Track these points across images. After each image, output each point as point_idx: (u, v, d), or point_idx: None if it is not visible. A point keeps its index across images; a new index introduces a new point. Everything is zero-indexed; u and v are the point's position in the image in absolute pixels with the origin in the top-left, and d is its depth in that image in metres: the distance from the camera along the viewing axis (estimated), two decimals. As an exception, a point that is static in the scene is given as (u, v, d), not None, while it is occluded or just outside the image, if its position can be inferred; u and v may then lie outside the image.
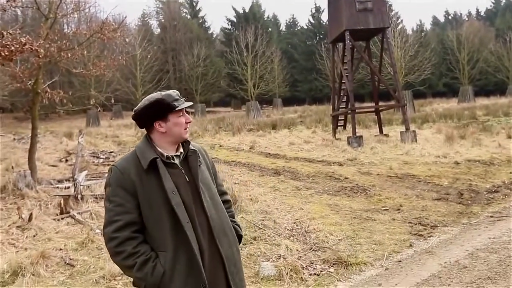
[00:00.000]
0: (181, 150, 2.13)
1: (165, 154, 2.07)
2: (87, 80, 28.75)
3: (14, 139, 15.95)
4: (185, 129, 2.09)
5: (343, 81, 16.11)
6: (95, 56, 15.26)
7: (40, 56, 6.89)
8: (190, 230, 1.97)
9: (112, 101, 14.86)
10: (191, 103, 2.12)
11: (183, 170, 2.08)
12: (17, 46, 6.04)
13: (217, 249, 2.05)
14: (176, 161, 2.09)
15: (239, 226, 2.32)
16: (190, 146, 2.15)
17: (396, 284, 4.15)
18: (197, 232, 2.00)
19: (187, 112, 2.11)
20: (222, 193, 2.32)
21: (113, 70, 13.29)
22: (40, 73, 7.93)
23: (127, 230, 1.96)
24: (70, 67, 9.81)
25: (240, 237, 2.27)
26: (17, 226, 5.78)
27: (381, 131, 16.13)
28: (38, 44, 6.41)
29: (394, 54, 17.93)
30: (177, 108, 2.04)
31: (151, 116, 2.04)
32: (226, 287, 2.06)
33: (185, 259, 1.96)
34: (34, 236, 5.52)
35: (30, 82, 7.93)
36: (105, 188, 2.09)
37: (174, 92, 2.09)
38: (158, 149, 2.07)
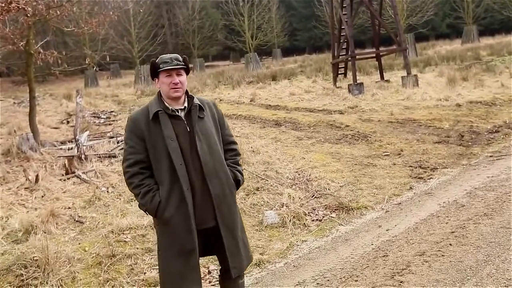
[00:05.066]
0: (186, 104, 2.52)
1: (170, 107, 2.48)
2: (81, 39, 28.07)
3: (14, 103, 15.89)
4: (172, 88, 2.44)
5: (342, 27, 15.63)
6: (86, 13, 14.78)
7: (29, 15, 6.67)
8: (182, 171, 2.40)
9: (108, 59, 14.54)
10: (176, 66, 2.44)
11: (185, 121, 2.48)
12: (3, 5, 5.84)
13: (207, 188, 2.45)
14: (181, 113, 2.49)
15: (239, 172, 2.67)
16: (194, 100, 2.53)
17: (395, 225, 4.28)
18: (190, 173, 2.42)
19: (178, 74, 2.45)
20: (229, 142, 2.69)
21: (106, 27, 12.94)
22: (30, 33, 7.72)
23: (136, 166, 2.46)
24: (61, 26, 9.53)
25: (237, 182, 2.63)
26: (25, 188, 5.91)
27: (382, 77, 15.88)
28: (24, 2, 6.18)
29: (395, -4, 17.20)
30: (159, 69, 2.44)
31: (151, 74, 2.53)
32: (215, 221, 2.48)
33: (178, 194, 2.41)
34: (42, 196, 5.66)
35: (22, 43, 7.75)
36: (124, 133, 2.59)
37: (167, 56, 2.48)
38: (165, 103, 2.49)
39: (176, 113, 2.47)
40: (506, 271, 3.17)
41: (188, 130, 2.45)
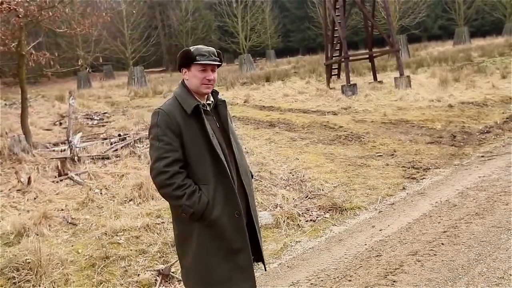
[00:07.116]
0: (212, 99, 2.40)
1: (202, 102, 2.33)
2: (73, 40, 27.97)
3: (6, 104, 15.76)
4: (203, 84, 2.29)
5: (335, 29, 15.70)
6: (79, 14, 14.70)
7: (20, 16, 6.63)
8: (227, 167, 2.28)
9: (100, 60, 14.46)
10: (215, 62, 2.30)
11: (214, 117, 2.37)
12: (-6, 6, 5.79)
13: (242, 185, 2.38)
14: (208, 109, 2.38)
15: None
16: (219, 96, 2.44)
17: (388, 225, 4.30)
18: (230, 169, 2.31)
19: (212, 70, 2.31)
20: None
21: (99, 28, 12.89)
22: (22, 34, 7.66)
23: (176, 165, 2.23)
24: (53, 27, 9.47)
25: (251, 177, 2.62)
26: (17, 190, 5.86)
27: (375, 78, 15.98)
28: (16, 2, 6.14)
29: (387, -3, 17.32)
30: (196, 62, 2.26)
31: (182, 63, 2.31)
32: (247, 216, 2.40)
33: (223, 191, 2.28)
34: (34, 198, 5.61)
35: (13, 44, 7.69)
36: (151, 128, 2.30)
37: (204, 48, 2.31)
38: (195, 97, 2.33)
39: (207, 108, 2.35)
40: (497, 269, 3.20)
41: (218, 126, 2.35)
